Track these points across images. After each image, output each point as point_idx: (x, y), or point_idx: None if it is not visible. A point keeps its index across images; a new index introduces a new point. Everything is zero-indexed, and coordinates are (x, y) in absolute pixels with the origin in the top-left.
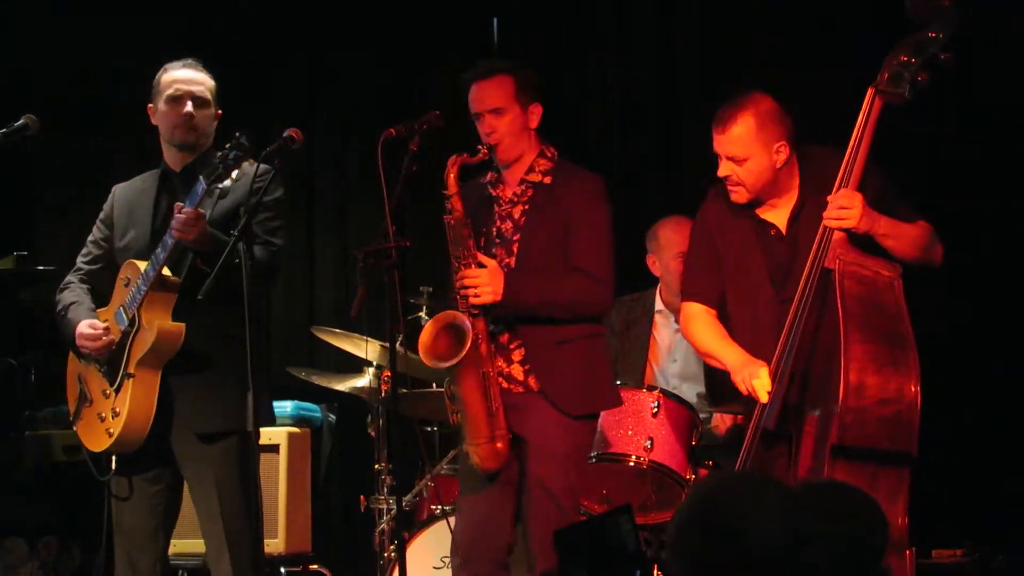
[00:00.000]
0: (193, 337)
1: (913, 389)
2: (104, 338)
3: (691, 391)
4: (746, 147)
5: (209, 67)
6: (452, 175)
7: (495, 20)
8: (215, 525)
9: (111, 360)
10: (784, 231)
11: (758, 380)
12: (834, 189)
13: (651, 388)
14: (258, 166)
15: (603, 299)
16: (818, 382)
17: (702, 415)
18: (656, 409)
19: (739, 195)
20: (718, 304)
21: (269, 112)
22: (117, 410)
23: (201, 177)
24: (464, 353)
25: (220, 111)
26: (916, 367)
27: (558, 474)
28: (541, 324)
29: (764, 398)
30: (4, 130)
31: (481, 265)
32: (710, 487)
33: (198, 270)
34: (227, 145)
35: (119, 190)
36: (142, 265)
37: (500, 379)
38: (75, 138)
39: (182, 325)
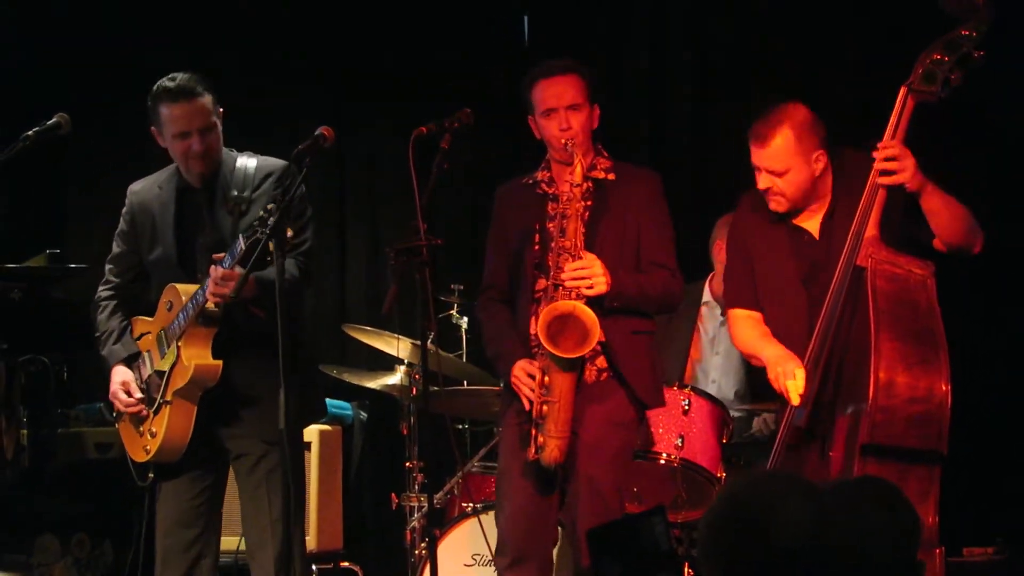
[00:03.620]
0: (245, 350)
1: (943, 388)
2: (134, 408)
3: (730, 386)
4: (786, 160)
5: (238, 64)
6: (582, 167)
7: (526, 18)
8: (260, 520)
9: (151, 382)
10: (817, 236)
11: (792, 382)
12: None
13: (682, 386)
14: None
15: (681, 292)
16: (850, 380)
17: (736, 413)
18: (687, 407)
19: (779, 204)
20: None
21: (299, 109)
22: (154, 431)
23: (241, 236)
24: (592, 345)
25: (222, 109)
26: (947, 366)
27: (608, 473)
28: (617, 316)
29: (796, 400)
30: (36, 129)
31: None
32: (740, 485)
33: (252, 312)
34: (260, 214)
35: (136, 195)
36: (184, 294)
37: None
38: (106, 136)
39: (219, 363)
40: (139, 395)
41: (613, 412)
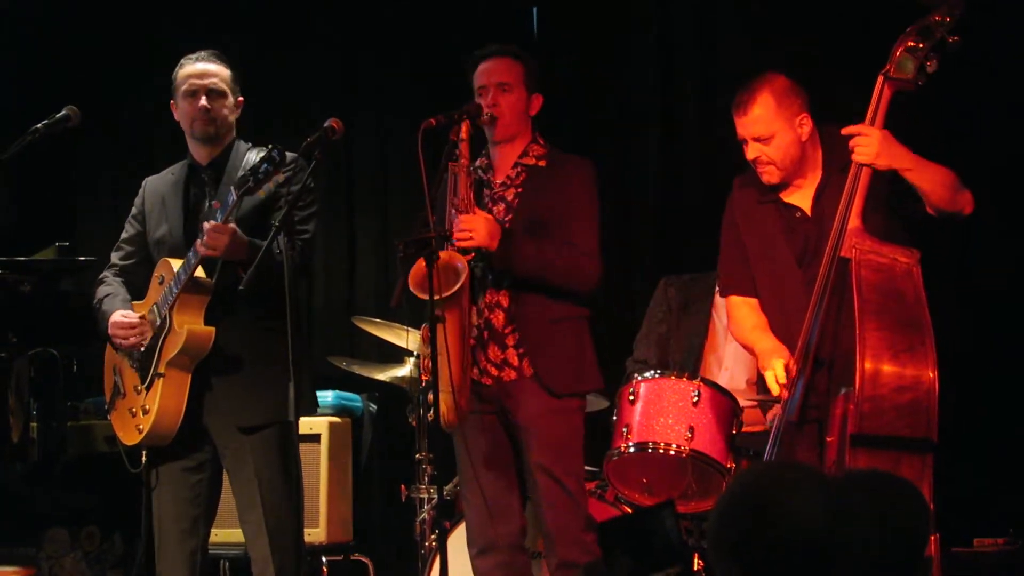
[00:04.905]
0: (233, 332)
1: (931, 375)
2: (137, 328)
3: (742, 375)
4: (769, 124)
5: (246, 57)
6: (465, 124)
7: (534, 10)
8: (254, 514)
9: (143, 357)
10: (809, 212)
11: (770, 372)
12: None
13: (692, 376)
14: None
15: (592, 271)
16: (841, 371)
17: (748, 403)
18: (696, 398)
19: (770, 175)
20: (758, 293)
21: (308, 101)
22: (147, 407)
23: (232, 188)
24: (460, 286)
25: (242, 99)
26: (933, 353)
27: (558, 459)
28: (534, 303)
29: (775, 390)
30: (46, 121)
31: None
32: (750, 475)
33: (238, 274)
34: (259, 158)
35: (149, 183)
36: (175, 265)
37: (492, 367)
38: (115, 128)
39: (212, 329)
40: (137, 317)
41: (547, 400)
